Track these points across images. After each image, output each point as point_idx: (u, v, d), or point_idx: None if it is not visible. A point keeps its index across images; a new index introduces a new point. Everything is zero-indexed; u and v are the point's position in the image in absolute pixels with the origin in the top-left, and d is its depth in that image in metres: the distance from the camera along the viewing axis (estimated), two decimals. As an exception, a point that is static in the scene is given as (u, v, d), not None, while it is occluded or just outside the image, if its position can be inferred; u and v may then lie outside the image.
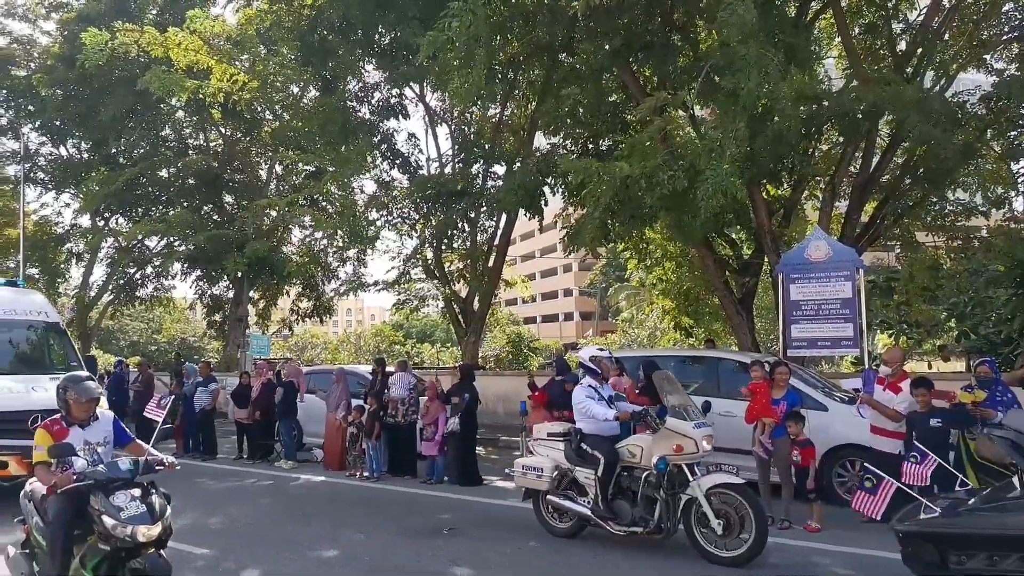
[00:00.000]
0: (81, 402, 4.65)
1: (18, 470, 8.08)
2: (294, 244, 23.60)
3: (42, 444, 4.54)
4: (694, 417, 6.21)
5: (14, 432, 8.18)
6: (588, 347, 7.38)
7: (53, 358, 10.09)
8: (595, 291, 51.34)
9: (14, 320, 9.84)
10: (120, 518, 4.20)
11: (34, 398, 8.61)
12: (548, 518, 6.94)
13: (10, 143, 25.83)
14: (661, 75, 12.41)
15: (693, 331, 18.56)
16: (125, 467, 4.45)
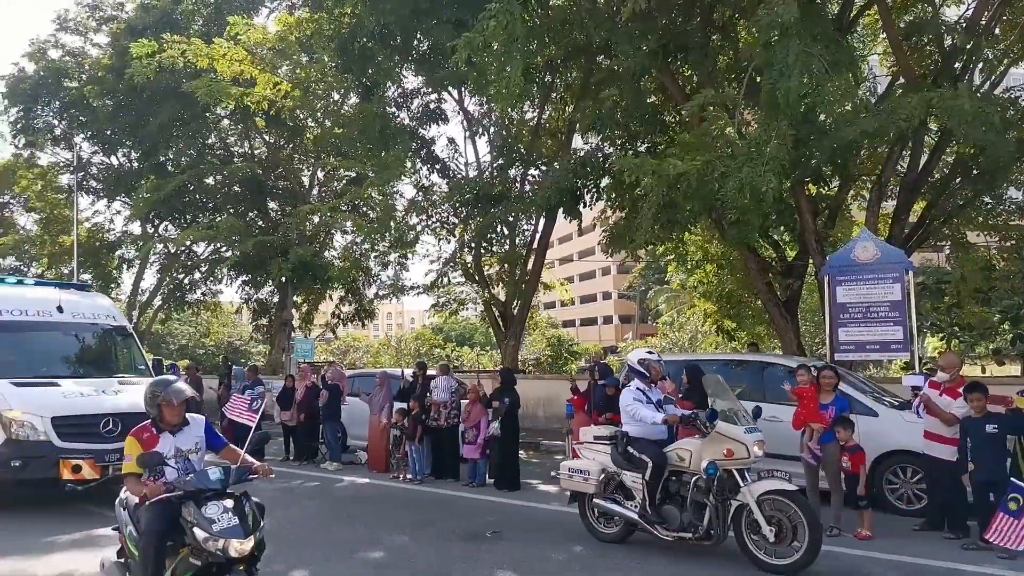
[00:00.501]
0: (174, 405, 4.45)
1: (91, 474, 8.10)
2: (336, 249, 23.96)
3: (131, 453, 4.38)
4: (745, 422, 6.12)
5: (86, 436, 8.28)
6: (637, 350, 7.27)
7: (121, 361, 10.09)
8: (634, 294, 50.95)
9: (82, 323, 9.84)
10: (212, 531, 4.01)
11: (104, 401, 8.64)
12: (594, 522, 6.89)
13: (64, 153, 26.79)
14: (701, 75, 12.29)
15: (735, 335, 18.30)
16: (215, 476, 4.25)
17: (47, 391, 8.51)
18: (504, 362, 17.02)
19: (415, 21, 13.63)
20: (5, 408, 8.15)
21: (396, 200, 19.88)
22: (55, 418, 8.18)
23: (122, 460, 8.15)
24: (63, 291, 10.07)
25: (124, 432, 8.14)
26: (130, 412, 8.39)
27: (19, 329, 9.18)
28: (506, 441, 9.80)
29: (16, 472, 7.97)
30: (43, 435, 8.08)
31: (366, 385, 12.82)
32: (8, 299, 9.41)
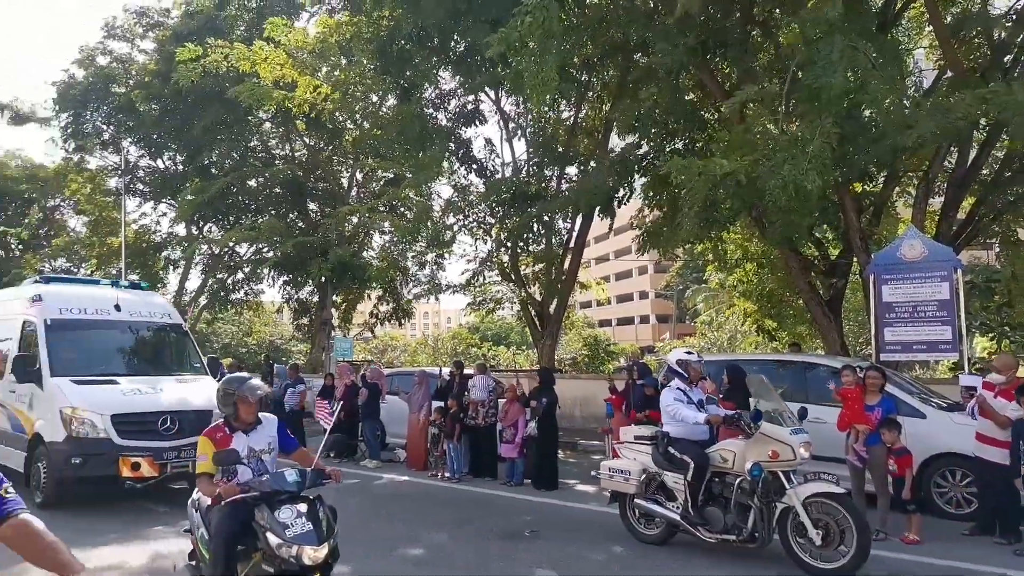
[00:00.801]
0: (249, 403, 4.27)
1: (150, 471, 8.19)
2: (374, 249, 24.24)
3: (205, 452, 4.21)
4: (790, 423, 6.01)
5: (145, 433, 8.36)
6: (676, 350, 7.17)
7: (177, 359, 10.18)
8: (672, 293, 50.52)
9: (139, 322, 9.92)
10: (285, 536, 3.83)
11: (162, 399, 8.70)
12: (635, 523, 6.84)
13: (112, 157, 27.57)
14: (741, 72, 12.14)
15: (776, 334, 18.03)
16: (292, 479, 4.07)
17: (106, 389, 8.58)
18: (541, 362, 17.02)
19: (452, 22, 13.70)
20: (66, 405, 8.23)
21: (433, 200, 20.03)
22: (115, 416, 8.24)
23: (180, 458, 8.24)
24: (120, 290, 10.19)
25: (181, 430, 8.49)
26: (187, 410, 8.68)
27: (78, 327, 9.27)
28: (544, 441, 9.81)
29: (77, 469, 8.02)
30: (103, 433, 8.15)
31: (405, 384, 12.95)
32: (67, 298, 9.53)
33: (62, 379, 8.51)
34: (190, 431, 8.41)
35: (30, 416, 8.71)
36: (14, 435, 9.16)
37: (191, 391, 9.12)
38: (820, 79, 8.23)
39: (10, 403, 9.28)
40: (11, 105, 27.41)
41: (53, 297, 9.39)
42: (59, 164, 28.57)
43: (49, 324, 8.95)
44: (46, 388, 8.52)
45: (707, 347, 28.24)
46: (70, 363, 8.78)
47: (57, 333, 8.97)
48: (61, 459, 8.05)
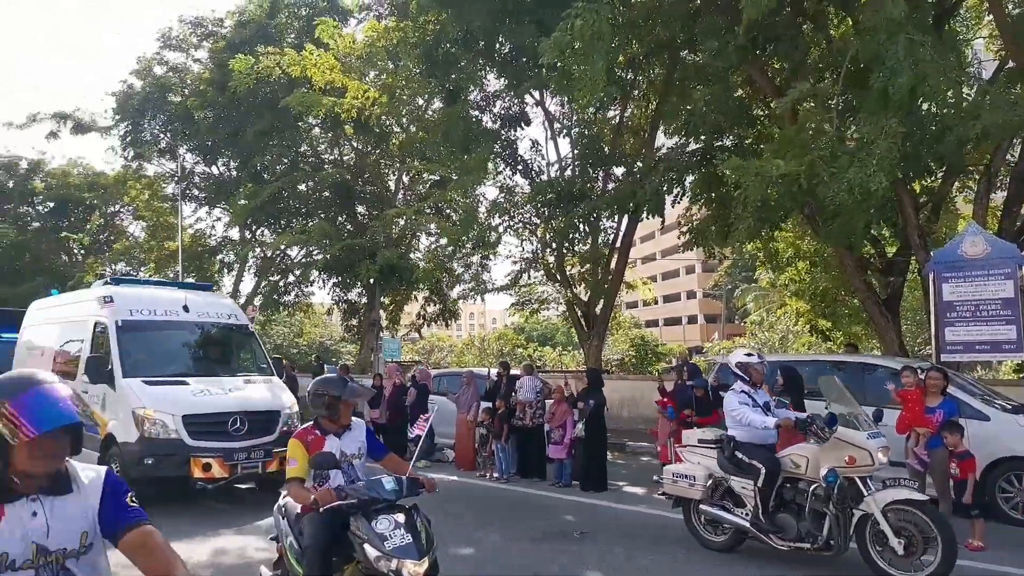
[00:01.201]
0: (347, 405, 4.07)
1: (220, 472, 8.18)
2: (421, 251, 24.50)
3: (296, 456, 3.96)
4: (867, 427, 5.74)
5: (215, 434, 8.35)
6: (736, 351, 6.95)
7: (244, 360, 10.17)
8: (720, 293, 49.71)
9: (207, 322, 9.94)
10: (385, 549, 3.58)
11: (231, 400, 8.67)
12: (700, 529, 6.65)
13: (169, 164, 28.47)
14: (792, 67, 11.90)
15: (831, 335, 17.60)
16: (390, 486, 3.85)
17: (177, 389, 8.60)
18: (587, 362, 16.96)
19: (498, 24, 13.76)
20: (138, 406, 8.27)
21: (479, 202, 20.15)
22: (186, 416, 8.26)
23: (249, 459, 8.36)
24: (188, 291, 10.28)
25: (250, 431, 8.57)
26: (255, 410, 8.75)
27: (148, 328, 9.33)
28: (592, 442, 9.77)
29: (148, 470, 8.02)
30: (174, 433, 8.17)
31: (452, 384, 13.06)
32: (137, 299, 9.59)
33: (134, 380, 8.56)
34: (258, 432, 8.58)
35: (103, 416, 8.73)
36: (87, 435, 9.44)
37: (258, 392, 9.19)
38: (886, 79, 8.01)
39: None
40: (73, 115, 28.51)
41: (124, 299, 9.45)
42: (119, 171, 29.63)
43: (120, 325, 9.01)
44: (118, 389, 8.56)
45: (758, 348, 27.72)
46: (141, 364, 8.84)
47: (128, 334, 9.02)
48: (134, 459, 8.08)
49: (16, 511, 1.95)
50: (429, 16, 14.80)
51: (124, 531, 2.06)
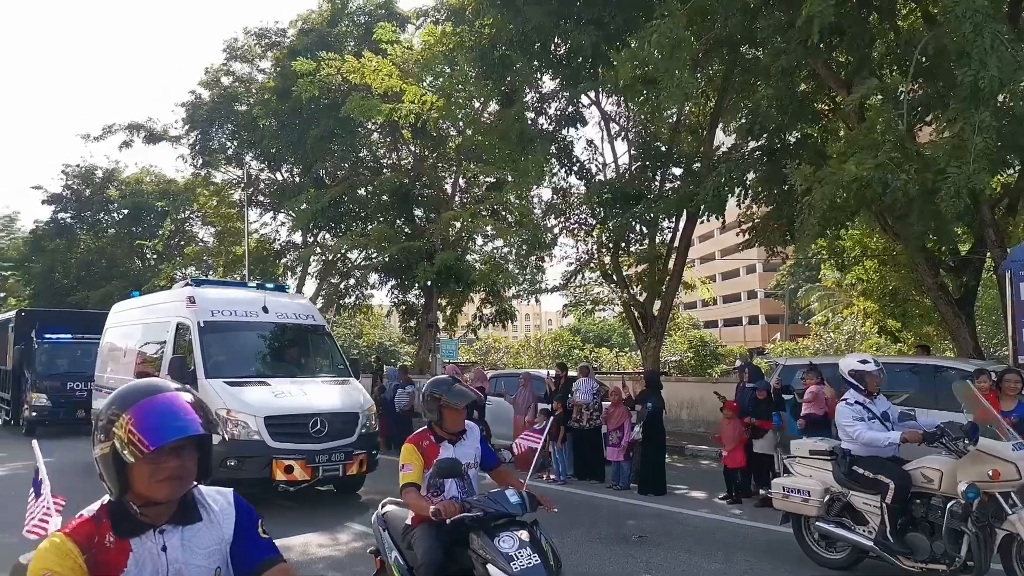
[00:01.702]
0: (458, 409, 3.75)
1: (303, 475, 8.09)
2: (477, 253, 24.67)
3: (411, 461, 3.68)
4: (1011, 437, 5.25)
5: (297, 436, 8.22)
6: (849, 356, 6.30)
7: (322, 361, 10.06)
8: (783, 292, 48.48)
9: (286, 323, 9.84)
10: (512, 571, 3.24)
11: (312, 401, 8.55)
12: (814, 546, 6.18)
13: (235, 171, 29.42)
14: (859, 61, 11.51)
15: (901, 336, 16.96)
16: (515, 500, 3.47)
17: (258, 390, 8.51)
18: (645, 364, 16.79)
19: (554, 25, 13.76)
20: (221, 407, 8.15)
21: (535, 203, 20.19)
22: (268, 418, 8.17)
23: (330, 461, 8.30)
24: (267, 292, 10.22)
25: (330, 433, 8.44)
26: (336, 412, 8.64)
27: (229, 329, 9.29)
28: (651, 445, 9.67)
29: (231, 472, 7.87)
30: (256, 435, 8.08)
31: (510, 386, 13.10)
32: (219, 300, 9.59)
33: (216, 380, 8.51)
34: (338, 434, 8.48)
35: None
36: None
37: (338, 393, 9.10)
38: (975, 72, 7.68)
39: None
40: (146, 125, 29.74)
41: (206, 300, 9.46)
42: (189, 179, 30.77)
43: (202, 326, 8.98)
44: (201, 389, 8.40)
45: (823, 349, 26.94)
46: (222, 364, 8.81)
47: (210, 335, 8.99)
48: (217, 461, 7.73)
49: (143, 546, 1.68)
50: (485, 20, 14.91)
51: (260, 569, 1.81)
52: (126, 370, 10.79)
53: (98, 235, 35.60)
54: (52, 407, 16.62)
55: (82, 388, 15.94)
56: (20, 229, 44.40)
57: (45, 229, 36.12)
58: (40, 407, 16.65)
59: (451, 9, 18.92)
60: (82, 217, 36.01)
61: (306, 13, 25.20)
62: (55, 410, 16.62)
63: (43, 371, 17.00)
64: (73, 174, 35.15)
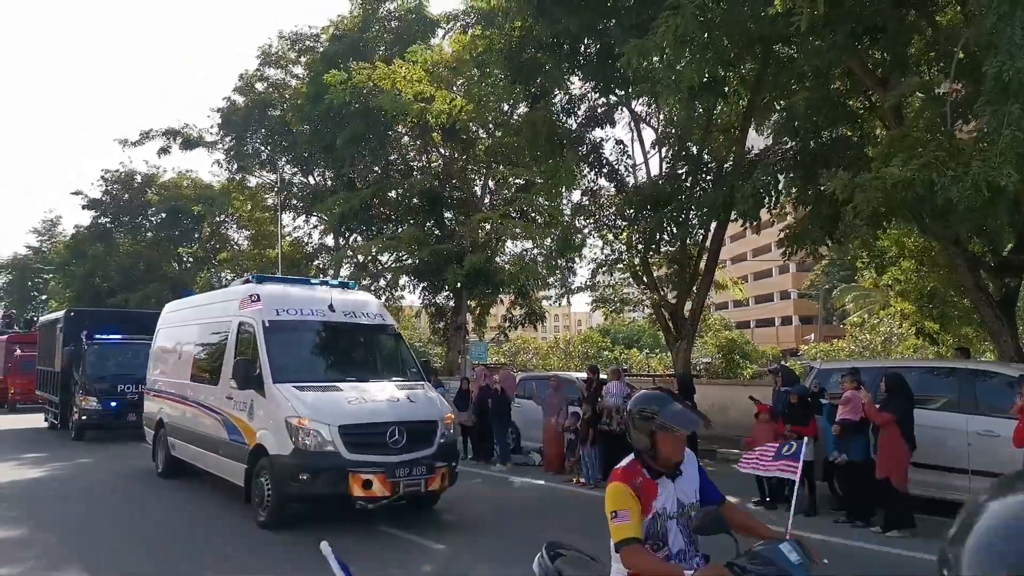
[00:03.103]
0: (678, 437, 2.74)
1: (382, 490, 7.29)
2: (507, 254, 24.72)
3: (626, 507, 2.67)
4: None
5: (374, 447, 7.42)
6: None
7: (394, 363, 9.22)
8: (817, 293, 47.70)
9: (354, 323, 9.04)
10: None
11: (388, 408, 7.81)
12: None
13: (269, 175, 29.90)
14: (895, 58, 11.28)
15: (939, 338, 16.57)
16: (796, 558, 2.52)
17: (331, 396, 7.72)
18: (675, 366, 16.64)
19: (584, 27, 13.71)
20: (291, 415, 7.41)
21: (564, 204, 20.16)
22: (343, 427, 7.36)
23: (411, 475, 7.47)
24: (333, 289, 9.46)
25: (409, 443, 7.59)
26: (414, 420, 7.84)
27: (295, 329, 8.57)
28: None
29: (304, 487, 7.25)
30: (331, 445, 7.28)
31: (541, 388, 13.09)
32: (284, 298, 8.81)
33: (285, 385, 7.72)
34: (418, 444, 7.69)
35: (250, 425, 7.98)
36: (233, 445, 8.41)
37: (414, 399, 8.27)
38: (1001, 64, 7.50)
39: (226, 410, 8.58)
40: (183, 131, 30.35)
41: (271, 298, 8.70)
42: (224, 183, 31.33)
43: (268, 326, 8.23)
44: (268, 395, 7.76)
45: (858, 351, 26.44)
46: (290, 368, 8.05)
47: (276, 335, 8.23)
48: (288, 474, 7.30)
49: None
50: (515, 23, 14.93)
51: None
52: (179, 372, 10.43)
53: (136, 239, 36.44)
54: (102, 411, 16.16)
55: (132, 391, 15.64)
56: (62, 233, 45.73)
57: (85, 233, 37.11)
58: (90, 411, 16.18)
59: (481, 13, 18.99)
60: (121, 221, 36.93)
61: (338, 19, 25.51)
62: (105, 414, 16.18)
63: (93, 373, 16.46)
64: (112, 179, 36.06)
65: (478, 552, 6.83)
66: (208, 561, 6.70)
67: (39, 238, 49.67)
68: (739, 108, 16.28)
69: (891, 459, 7.37)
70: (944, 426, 7.99)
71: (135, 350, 15.84)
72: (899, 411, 7.36)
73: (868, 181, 8.36)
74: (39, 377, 20.85)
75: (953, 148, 8.12)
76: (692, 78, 9.66)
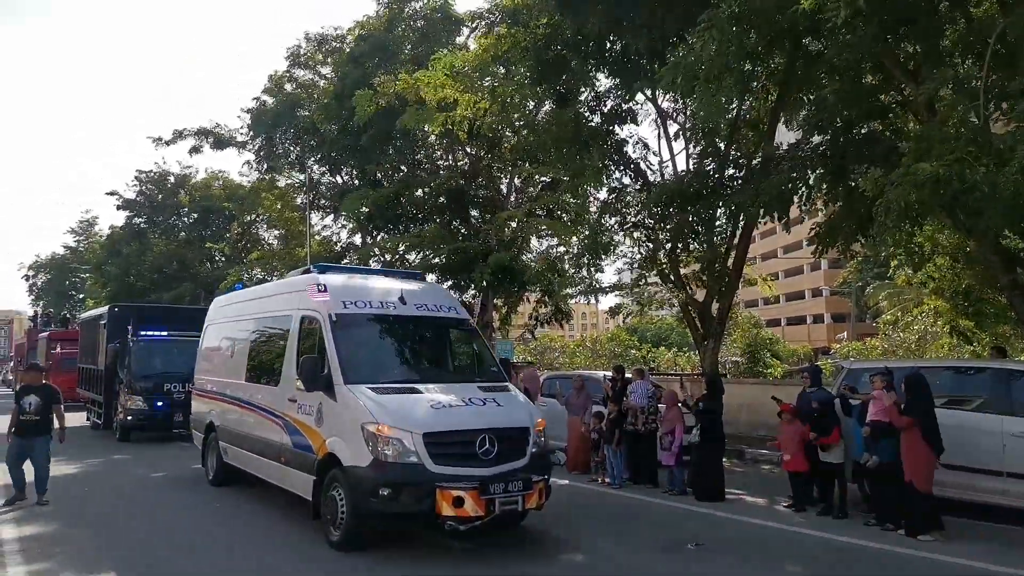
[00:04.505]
0: None
1: (475, 510, 6.29)
2: (533, 253, 24.67)
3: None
4: None
5: (463, 458, 6.55)
6: None
7: (474, 362, 8.50)
8: (849, 290, 46.87)
9: (427, 316, 8.16)
10: None
11: (476, 414, 6.92)
12: None
13: (298, 175, 30.22)
14: (928, 51, 11.02)
15: (975, 336, 16.19)
16: None
17: (411, 400, 6.89)
18: (703, 365, 16.48)
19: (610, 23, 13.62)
20: (369, 421, 6.56)
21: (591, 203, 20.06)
22: (427, 434, 6.48)
23: (508, 492, 6.52)
24: (403, 280, 8.72)
25: (500, 454, 6.66)
26: (506, 427, 6.94)
27: (365, 324, 7.77)
28: (707, 450, 9.49)
29: (385, 504, 6.35)
30: (413, 456, 6.40)
31: (565, 386, 13.06)
32: (351, 289, 8.05)
33: (360, 387, 6.89)
34: (509, 454, 6.80)
35: (318, 431, 7.18)
36: (296, 453, 7.64)
37: (503, 403, 7.35)
38: None
39: (288, 414, 7.84)
40: (214, 131, 30.80)
41: (337, 288, 7.91)
42: (254, 183, 31.74)
43: (335, 320, 7.44)
44: (340, 398, 6.94)
45: (892, 349, 25.95)
46: (362, 367, 7.26)
47: (344, 331, 7.44)
48: (367, 489, 6.42)
49: None
50: (540, 20, 14.90)
51: None
52: (232, 371, 9.75)
53: (169, 239, 37.12)
54: (148, 411, 15.50)
55: (179, 390, 15.18)
56: (98, 233, 46.78)
57: (120, 233, 37.90)
58: (136, 410, 15.52)
59: (505, 11, 18.97)
60: (154, 221, 37.65)
61: (364, 19, 25.68)
62: (151, 414, 15.54)
63: (138, 371, 15.80)
64: (146, 180, 36.77)
65: (496, 553, 6.80)
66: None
67: (76, 238, 51.02)
68: (767, 103, 16.05)
69: (913, 462, 7.26)
70: (978, 427, 7.81)
71: (181, 347, 15.39)
72: (920, 413, 7.23)
73: (900, 177, 8.18)
74: (80, 375, 20.59)
75: (986, 143, 7.90)
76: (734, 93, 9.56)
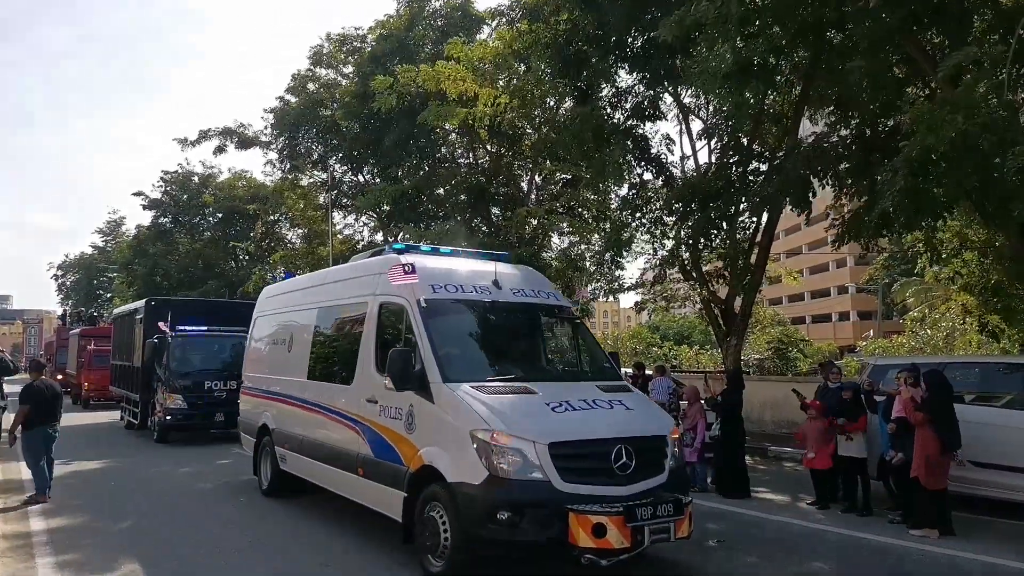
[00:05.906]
0: None
1: (620, 540, 5.06)
2: (553, 250, 24.65)
3: None
4: None
5: (597, 474, 5.36)
6: None
7: (583, 357, 7.34)
8: (875, 287, 46.21)
9: (525, 303, 7.03)
10: None
11: (607, 419, 5.75)
12: None
13: (320, 174, 30.47)
14: (956, 41, 10.82)
15: (1005, 332, 15.89)
16: None
17: (526, 400, 5.73)
18: (726, 363, 16.36)
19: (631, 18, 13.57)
20: (480, 428, 5.37)
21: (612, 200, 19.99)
22: (554, 444, 5.29)
23: (656, 517, 5.21)
24: (497, 263, 7.33)
25: (639, 470, 5.50)
26: (642, 436, 5.74)
27: (459, 312, 6.72)
28: (730, 445, 9.42)
29: (504, 530, 5.13)
30: (538, 471, 5.20)
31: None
32: (438, 272, 6.85)
33: (463, 386, 5.73)
34: (649, 471, 5.61)
35: (410, 439, 6.00)
36: (379, 464, 6.45)
37: (632, 406, 6.13)
38: None
39: (367, 417, 6.67)
40: (238, 131, 31.14)
41: (426, 270, 6.69)
42: (277, 183, 32.06)
43: (425, 306, 6.32)
44: (439, 399, 5.79)
45: (919, 347, 25.55)
46: (463, 362, 6.24)
47: (436, 319, 6.32)
48: (481, 512, 5.22)
49: None
50: (562, 15, 14.87)
51: None
52: (290, 368, 8.65)
53: (195, 238, 37.61)
54: (188, 410, 14.75)
55: (220, 388, 14.67)
56: (125, 233, 47.57)
57: (146, 233, 38.48)
58: (175, 410, 14.72)
59: (526, 7, 18.97)
60: (180, 221, 38.17)
61: (385, 18, 25.83)
62: (191, 414, 14.81)
63: (177, 368, 15.01)
64: (171, 180, 37.30)
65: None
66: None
67: (104, 238, 51.91)
68: (791, 97, 15.87)
69: (921, 457, 7.19)
70: (1007, 424, 7.69)
71: (221, 343, 15.12)
72: (933, 410, 7.13)
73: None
74: (114, 373, 20.16)
75: (1010, 116, 7.74)
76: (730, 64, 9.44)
